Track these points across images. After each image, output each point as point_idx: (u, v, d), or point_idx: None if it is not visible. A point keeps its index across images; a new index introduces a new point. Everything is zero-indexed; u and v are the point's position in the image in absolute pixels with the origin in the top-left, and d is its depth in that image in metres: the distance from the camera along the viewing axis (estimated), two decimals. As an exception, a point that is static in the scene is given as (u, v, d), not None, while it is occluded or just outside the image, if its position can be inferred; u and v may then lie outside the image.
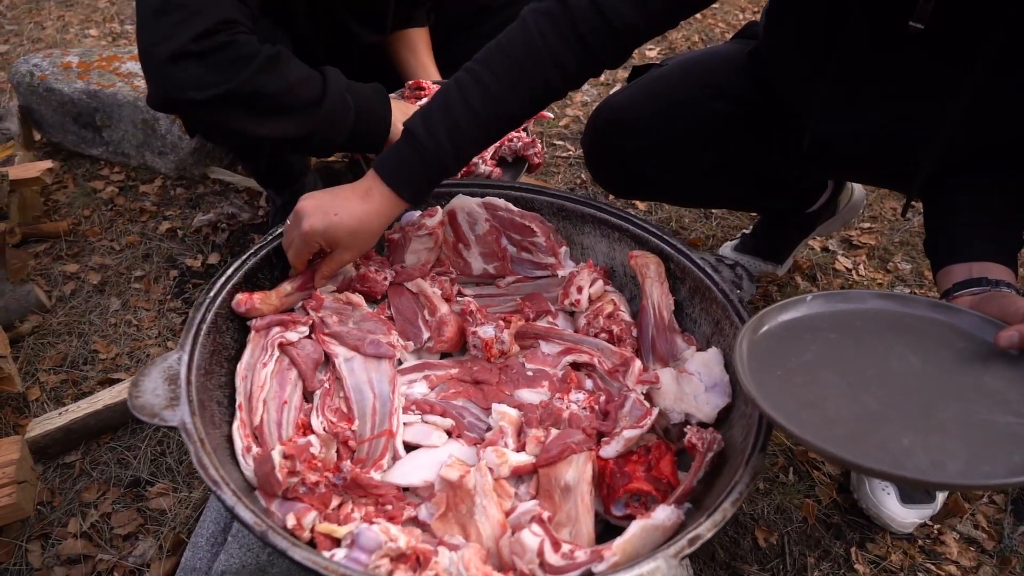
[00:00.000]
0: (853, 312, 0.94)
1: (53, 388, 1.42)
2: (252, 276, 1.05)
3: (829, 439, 0.72)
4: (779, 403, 0.78)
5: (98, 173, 2.01)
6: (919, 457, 0.72)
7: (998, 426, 0.75)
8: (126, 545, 1.17)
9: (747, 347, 0.87)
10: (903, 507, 1.20)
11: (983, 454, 0.71)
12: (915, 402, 0.79)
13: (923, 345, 0.88)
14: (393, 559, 0.75)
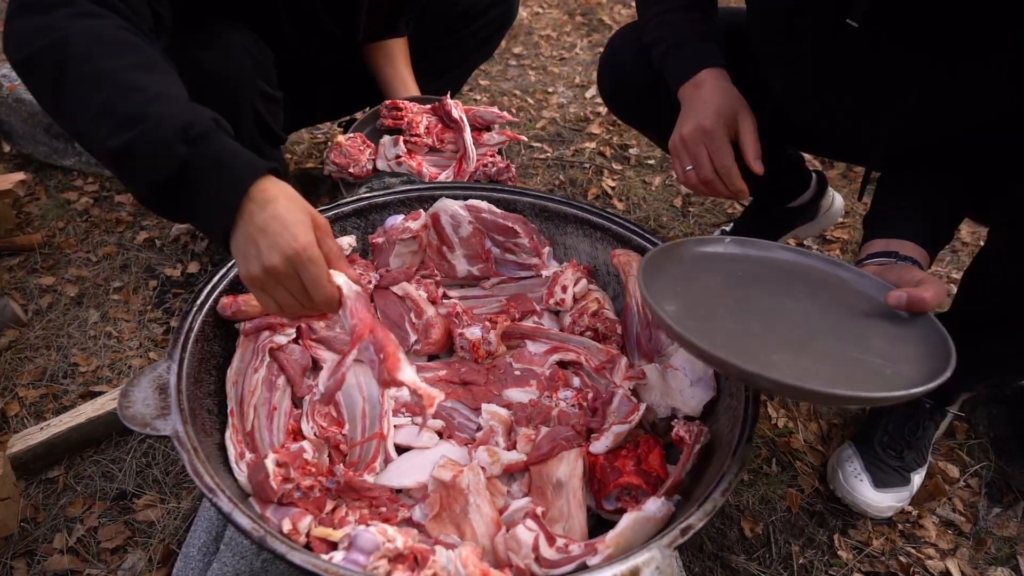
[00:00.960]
0: (764, 258, 1.01)
1: (33, 403, 1.40)
2: (237, 283, 1.05)
3: (704, 339, 0.77)
4: (669, 307, 0.86)
5: (71, 184, 1.98)
6: (784, 370, 0.78)
7: (865, 364, 0.81)
8: (114, 558, 1.16)
9: (653, 262, 0.94)
10: (877, 492, 1.23)
11: (842, 379, 0.78)
12: (796, 334, 0.86)
13: (819, 294, 0.94)
14: (391, 560, 0.75)
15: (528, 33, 2.91)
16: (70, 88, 0.79)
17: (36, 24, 0.80)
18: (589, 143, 2.22)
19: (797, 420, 1.41)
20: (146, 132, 0.76)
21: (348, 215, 1.21)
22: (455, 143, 1.46)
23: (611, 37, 1.36)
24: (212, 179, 0.78)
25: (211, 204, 0.79)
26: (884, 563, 1.19)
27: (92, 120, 0.78)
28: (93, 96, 0.78)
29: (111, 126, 0.77)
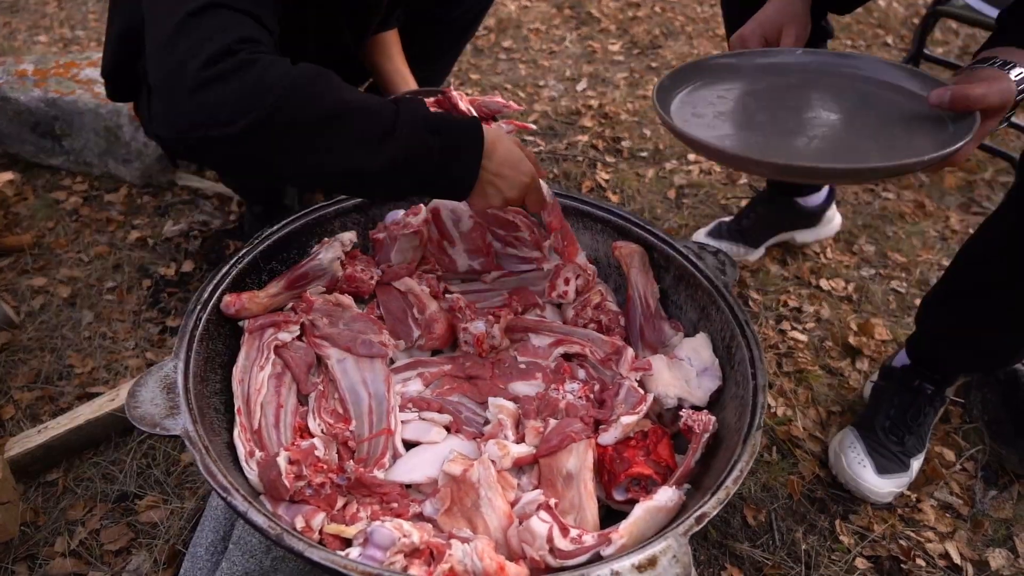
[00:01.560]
0: (795, 63, 0.98)
1: (28, 406, 1.38)
2: (240, 280, 1.04)
3: (736, 143, 0.77)
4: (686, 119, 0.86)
5: (59, 183, 1.95)
6: (826, 155, 0.76)
7: (908, 146, 0.78)
8: (118, 560, 1.15)
9: (675, 77, 0.93)
10: (880, 478, 1.25)
11: (867, 154, 0.76)
12: (834, 130, 0.82)
13: (850, 95, 0.90)
14: (407, 555, 0.76)
15: (517, 26, 2.90)
16: (313, 131, 0.81)
17: (241, 87, 0.77)
18: (581, 136, 2.22)
19: (796, 408, 1.43)
20: (402, 140, 0.85)
21: (348, 211, 1.20)
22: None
23: None
24: (456, 153, 0.91)
25: (462, 172, 0.93)
26: (885, 547, 1.21)
27: (352, 148, 0.83)
28: (339, 131, 0.82)
29: (374, 147, 0.84)
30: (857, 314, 1.67)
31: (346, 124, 0.82)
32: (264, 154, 0.81)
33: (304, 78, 0.80)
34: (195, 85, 0.76)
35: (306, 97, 0.79)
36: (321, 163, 0.83)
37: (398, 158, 0.85)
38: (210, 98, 0.77)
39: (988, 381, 1.39)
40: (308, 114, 0.80)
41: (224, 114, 0.76)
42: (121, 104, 1.84)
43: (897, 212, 2.00)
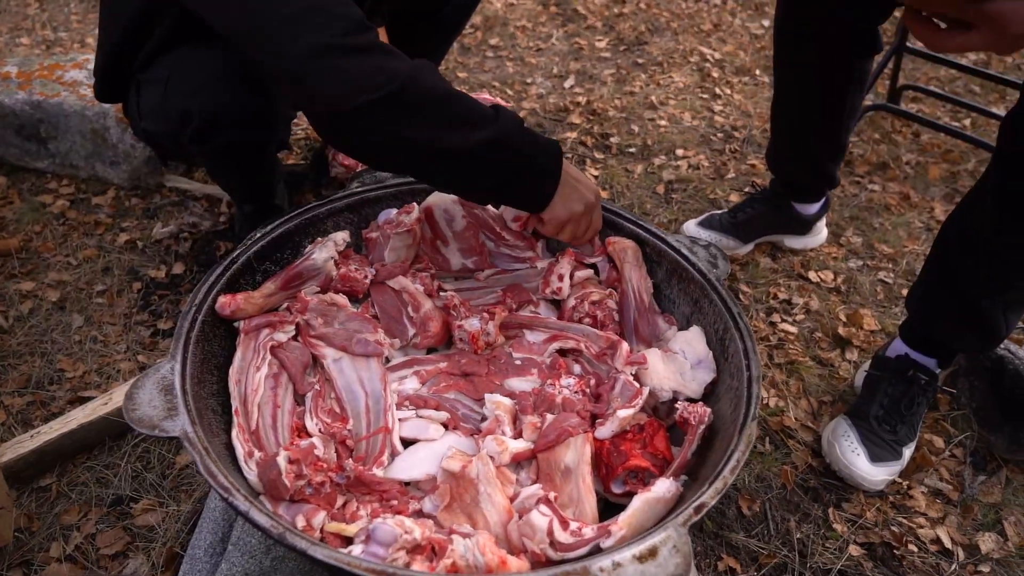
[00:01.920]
0: None
1: (20, 411, 1.37)
2: (235, 281, 1.04)
3: None
4: None
5: (45, 187, 1.94)
6: None
7: None
8: (115, 564, 1.14)
9: None
10: (873, 466, 1.26)
11: None
12: None
13: None
14: (409, 551, 0.76)
15: (504, 24, 2.90)
16: (429, 110, 0.92)
17: (381, 62, 0.89)
18: (570, 133, 2.23)
19: (788, 399, 1.44)
20: (498, 130, 0.95)
21: (341, 210, 1.20)
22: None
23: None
24: (544, 151, 1.01)
25: (546, 172, 1.02)
26: (878, 534, 1.22)
27: (452, 126, 0.93)
28: (445, 112, 0.93)
29: (469, 129, 0.93)
30: (846, 305, 1.69)
31: (454, 105, 0.94)
32: (387, 124, 0.90)
33: (423, 66, 0.93)
34: (350, 48, 0.88)
35: (427, 79, 0.92)
36: (431, 140, 0.92)
37: (495, 142, 0.95)
38: (358, 66, 0.88)
39: (975, 369, 1.41)
40: (427, 93, 0.91)
41: (369, 81, 0.87)
42: (108, 106, 1.83)
43: (883, 204, 2.02)
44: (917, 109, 2.44)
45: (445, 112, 0.92)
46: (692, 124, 2.33)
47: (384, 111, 0.89)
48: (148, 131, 1.33)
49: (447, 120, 0.92)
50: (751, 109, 2.41)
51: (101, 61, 1.35)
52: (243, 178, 1.48)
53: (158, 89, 1.23)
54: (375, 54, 0.89)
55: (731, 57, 2.73)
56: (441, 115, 0.92)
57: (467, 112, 0.94)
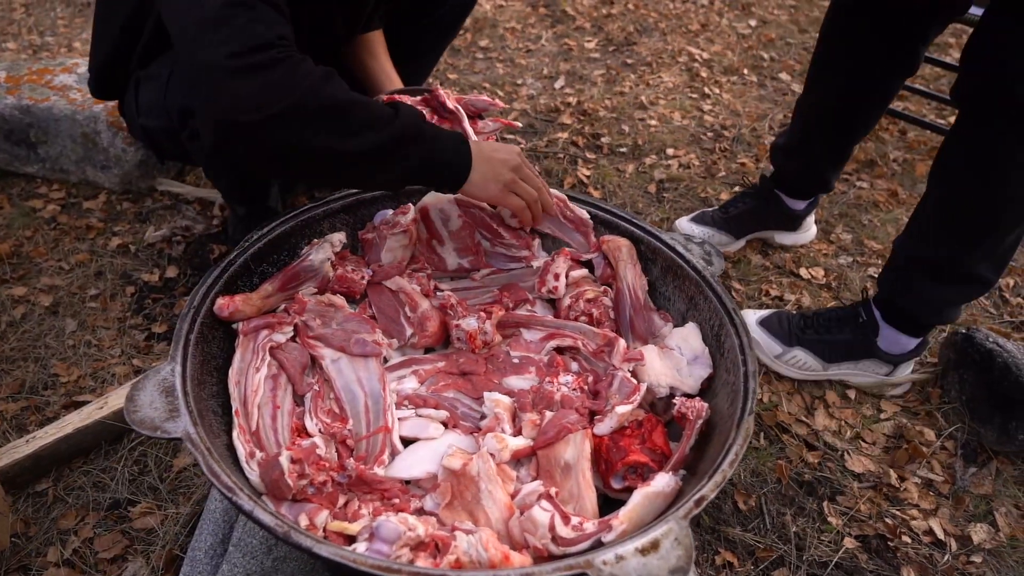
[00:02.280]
0: None
1: (14, 416, 1.37)
2: (232, 283, 1.04)
3: None
4: None
5: (35, 192, 1.93)
6: None
7: None
8: (113, 568, 1.14)
9: None
10: (757, 325, 1.47)
11: None
12: None
13: None
14: (413, 548, 0.76)
15: (493, 26, 2.91)
16: (323, 121, 0.93)
17: (272, 81, 0.89)
18: (561, 133, 2.24)
19: (781, 394, 1.46)
20: (397, 127, 0.99)
21: (337, 211, 1.20)
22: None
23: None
24: (447, 145, 1.06)
25: (455, 154, 1.07)
26: (872, 526, 1.24)
27: (350, 132, 0.95)
28: (347, 118, 0.95)
29: (368, 132, 0.96)
30: (837, 301, 1.71)
31: (353, 112, 0.95)
32: (282, 139, 0.91)
33: (320, 77, 0.93)
34: (235, 70, 0.87)
35: (322, 93, 0.92)
36: (329, 147, 0.94)
37: (396, 140, 0.98)
38: (245, 87, 0.87)
39: (965, 362, 1.43)
40: (323, 106, 0.92)
41: (254, 102, 0.88)
42: (98, 109, 1.82)
43: (871, 201, 2.05)
44: (903, 107, 2.47)
45: (340, 121, 0.94)
46: (682, 124, 2.34)
47: (275, 127, 0.90)
48: (147, 128, 1.33)
49: (343, 127, 0.94)
50: (740, 108, 2.43)
51: (98, 58, 1.35)
52: (240, 178, 1.48)
53: (158, 86, 1.25)
54: (272, 70, 0.89)
55: (719, 57, 2.75)
56: (336, 124, 0.93)
57: (365, 116, 0.96)
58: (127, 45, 1.29)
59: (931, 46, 2.92)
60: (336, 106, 0.93)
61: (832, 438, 1.39)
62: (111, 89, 1.42)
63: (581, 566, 0.69)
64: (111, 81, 1.39)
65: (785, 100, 2.50)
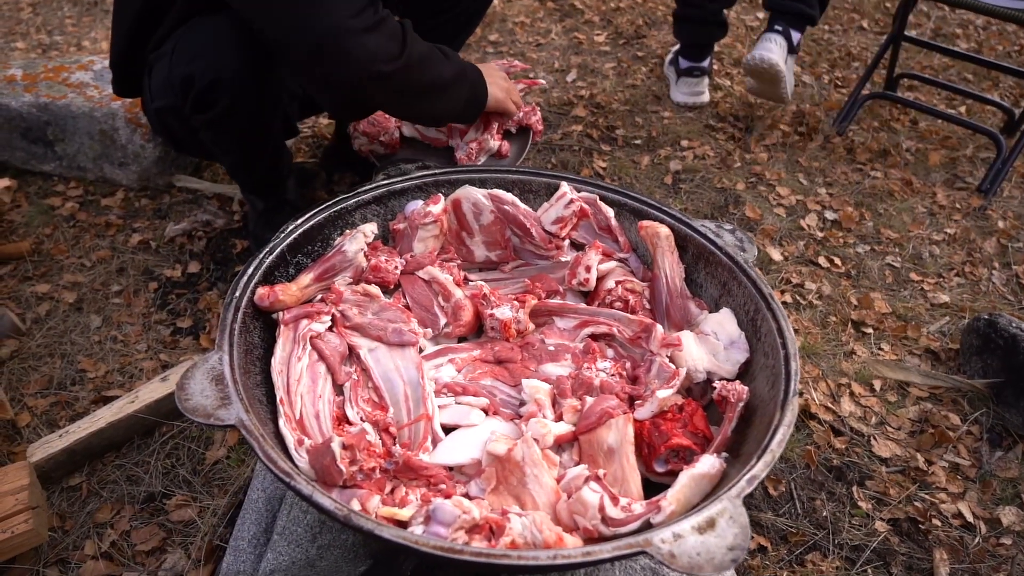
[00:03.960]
0: None
1: (44, 412, 1.37)
2: (270, 274, 1.05)
3: None
4: None
5: (52, 189, 1.93)
6: None
7: None
8: (152, 560, 1.15)
9: None
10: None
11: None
12: None
13: None
14: (468, 531, 0.77)
15: (502, 20, 2.91)
16: (429, 59, 1.26)
17: (393, 32, 1.17)
18: (576, 126, 2.25)
19: (808, 382, 1.47)
20: (474, 84, 1.41)
21: (368, 203, 1.21)
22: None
23: None
24: (478, 76, 1.43)
25: (482, 92, 1.45)
26: (902, 509, 1.25)
27: (446, 88, 1.33)
28: (439, 58, 1.29)
29: (458, 90, 1.37)
30: (856, 289, 1.72)
31: (442, 51, 1.30)
32: (416, 79, 1.23)
33: (407, 25, 1.22)
34: (365, 29, 1.10)
35: (418, 40, 1.23)
36: (437, 76, 1.28)
37: (461, 69, 1.37)
38: (376, 40, 1.12)
39: (989, 347, 1.44)
40: (425, 48, 1.25)
41: (390, 50, 1.15)
42: (116, 106, 1.82)
43: (886, 190, 2.06)
44: (914, 97, 2.47)
45: (436, 59, 1.26)
46: (695, 115, 2.35)
47: (410, 70, 1.19)
48: (159, 111, 1.35)
49: (440, 63, 1.28)
50: (752, 99, 2.43)
51: (115, 51, 1.36)
52: (250, 158, 1.47)
53: (164, 61, 1.28)
54: (386, 23, 1.14)
55: (729, 49, 2.76)
56: (435, 61, 1.26)
57: (445, 54, 1.30)
58: (142, 35, 1.31)
59: (940, 36, 2.94)
60: (431, 48, 1.25)
61: (858, 424, 1.40)
62: (133, 85, 1.42)
63: (640, 544, 0.70)
64: (132, 76, 1.40)
65: (796, 91, 2.51)
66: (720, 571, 0.68)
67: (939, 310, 1.67)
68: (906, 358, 1.54)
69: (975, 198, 2.04)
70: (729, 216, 1.92)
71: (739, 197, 1.98)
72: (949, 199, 2.04)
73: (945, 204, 2.02)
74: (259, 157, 1.47)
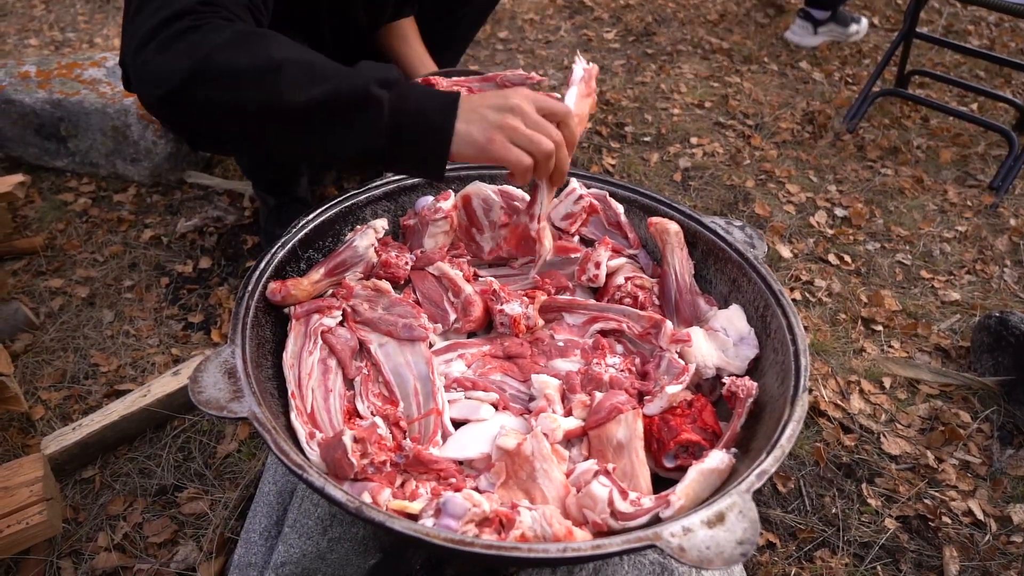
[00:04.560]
0: None
1: (57, 405, 1.38)
2: (281, 269, 1.05)
3: None
4: None
5: (65, 185, 1.94)
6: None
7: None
8: (164, 552, 1.16)
9: None
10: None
11: None
12: None
13: None
14: (478, 524, 0.78)
15: (512, 17, 2.92)
16: (244, 80, 0.81)
17: (180, 49, 0.81)
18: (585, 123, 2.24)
19: (817, 379, 1.46)
20: (344, 83, 0.81)
21: (379, 199, 1.21)
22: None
23: None
24: (423, 105, 0.84)
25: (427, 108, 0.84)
26: (911, 507, 1.25)
27: (288, 85, 0.80)
28: (271, 78, 0.81)
29: (308, 85, 0.81)
30: (866, 287, 1.71)
31: (285, 69, 0.81)
32: (206, 107, 0.82)
33: (240, 34, 0.82)
34: (139, 48, 0.82)
35: (236, 50, 0.81)
36: (266, 102, 0.81)
37: (353, 88, 0.81)
38: (150, 64, 0.81)
39: (1000, 344, 1.43)
40: (240, 62, 0.80)
41: (164, 74, 0.80)
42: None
43: (896, 187, 2.05)
44: (925, 94, 2.46)
45: (263, 77, 0.81)
46: (704, 112, 2.35)
47: (191, 91, 0.81)
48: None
49: (271, 83, 0.81)
50: (761, 97, 2.43)
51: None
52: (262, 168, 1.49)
53: None
54: (187, 36, 0.82)
55: (739, 46, 2.75)
56: (259, 81, 0.81)
57: (299, 71, 0.82)
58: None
59: (951, 33, 2.92)
60: (253, 66, 0.80)
61: (868, 421, 1.39)
62: None
63: (649, 538, 0.70)
64: None
65: (806, 88, 2.50)
66: (729, 565, 0.68)
67: (950, 308, 1.67)
68: (916, 355, 1.54)
69: (987, 195, 2.03)
70: (739, 213, 1.91)
71: (748, 194, 1.97)
72: (960, 196, 2.03)
73: (956, 201, 2.01)
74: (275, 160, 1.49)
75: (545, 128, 0.88)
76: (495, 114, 0.84)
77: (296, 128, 0.84)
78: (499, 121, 0.84)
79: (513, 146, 0.85)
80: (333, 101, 0.81)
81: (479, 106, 0.85)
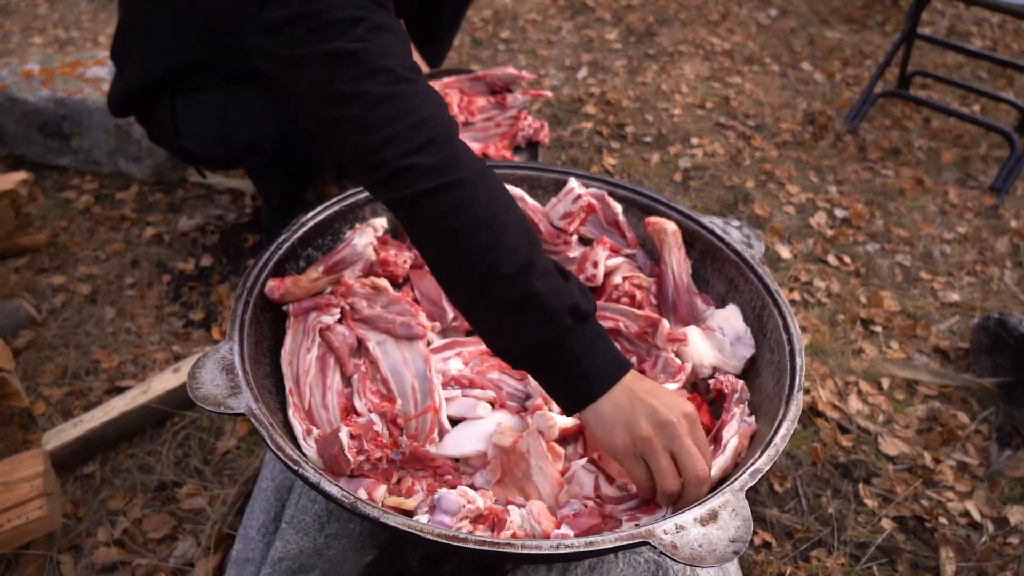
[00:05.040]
0: None
1: (59, 401, 1.39)
2: (280, 266, 1.06)
3: None
4: None
5: (68, 183, 1.95)
6: None
7: None
8: (163, 548, 1.17)
9: None
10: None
11: None
12: None
13: None
14: (472, 520, 0.78)
15: (514, 18, 2.92)
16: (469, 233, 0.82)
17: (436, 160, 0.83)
18: (586, 123, 2.25)
19: (815, 379, 1.47)
20: (542, 298, 0.79)
21: (378, 197, 1.22)
22: (487, 115, 1.49)
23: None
24: (592, 352, 0.80)
25: (590, 369, 0.80)
26: (908, 507, 1.25)
27: (485, 270, 0.81)
28: (488, 249, 0.81)
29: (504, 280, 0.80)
30: (865, 288, 1.71)
31: (490, 246, 0.81)
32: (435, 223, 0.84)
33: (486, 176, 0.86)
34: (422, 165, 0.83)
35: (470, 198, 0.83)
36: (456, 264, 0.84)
37: (530, 305, 0.79)
38: (424, 158, 0.83)
39: (999, 345, 1.43)
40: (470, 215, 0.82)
41: (437, 164, 0.83)
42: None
43: (897, 188, 2.05)
44: (927, 95, 2.46)
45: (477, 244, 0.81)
46: (705, 113, 2.35)
47: (446, 199, 0.82)
48: (189, 150, 1.38)
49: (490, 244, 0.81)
50: (762, 98, 2.43)
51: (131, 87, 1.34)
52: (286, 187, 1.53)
53: (209, 115, 1.30)
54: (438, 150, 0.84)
55: (740, 47, 2.75)
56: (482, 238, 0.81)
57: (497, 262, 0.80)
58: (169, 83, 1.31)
59: (954, 34, 2.92)
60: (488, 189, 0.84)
61: (865, 422, 1.40)
62: (133, 108, 1.42)
63: (642, 535, 0.70)
64: (138, 103, 1.39)
65: (807, 89, 2.50)
66: (722, 563, 0.69)
67: (949, 309, 1.67)
68: (915, 356, 1.54)
69: (987, 197, 2.03)
70: (738, 214, 1.92)
71: (748, 195, 1.97)
72: (961, 198, 2.03)
73: (957, 203, 2.01)
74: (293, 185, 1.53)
75: (687, 454, 0.78)
76: (646, 420, 0.78)
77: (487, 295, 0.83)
78: (643, 432, 0.77)
79: (639, 461, 0.79)
80: (535, 299, 0.79)
81: (638, 398, 0.79)
